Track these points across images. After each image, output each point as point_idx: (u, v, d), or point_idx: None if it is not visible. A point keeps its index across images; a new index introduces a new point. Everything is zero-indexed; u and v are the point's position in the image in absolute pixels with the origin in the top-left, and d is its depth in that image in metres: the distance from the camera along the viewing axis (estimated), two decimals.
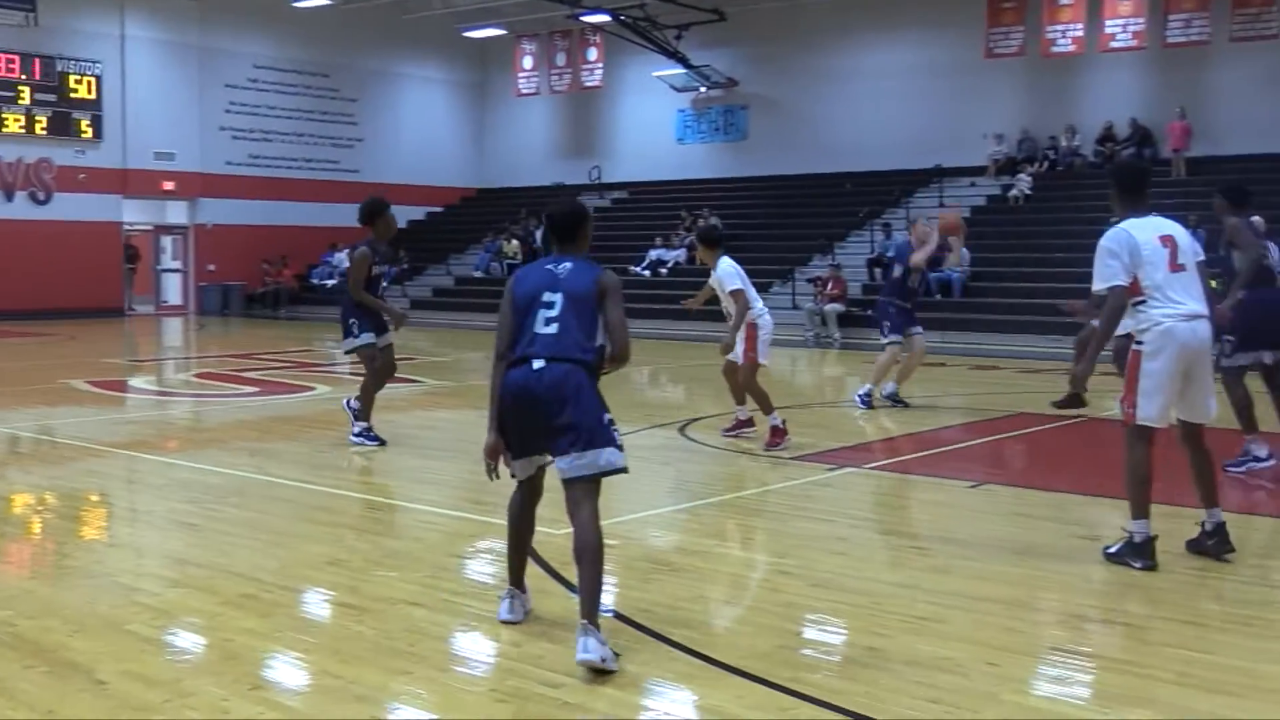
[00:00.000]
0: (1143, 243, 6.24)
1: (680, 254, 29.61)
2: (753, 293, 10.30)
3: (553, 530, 7.00)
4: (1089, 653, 5.17)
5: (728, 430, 10.72)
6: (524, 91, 35.98)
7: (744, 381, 10.35)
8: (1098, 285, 6.34)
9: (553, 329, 5.06)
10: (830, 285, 24.57)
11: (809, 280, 25.85)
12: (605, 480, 5.06)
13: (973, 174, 29.03)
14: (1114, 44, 26.47)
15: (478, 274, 32.77)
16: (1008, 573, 6.31)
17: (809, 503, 8.23)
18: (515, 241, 33.00)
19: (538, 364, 5.00)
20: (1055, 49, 27.15)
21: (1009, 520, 7.73)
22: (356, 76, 35.67)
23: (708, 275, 10.74)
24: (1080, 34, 26.71)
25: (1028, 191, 27.13)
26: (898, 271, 12.98)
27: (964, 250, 24.36)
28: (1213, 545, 6.46)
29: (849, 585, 6.03)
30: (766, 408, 10.15)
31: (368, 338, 10.04)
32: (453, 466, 9.49)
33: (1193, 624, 5.44)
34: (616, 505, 8.11)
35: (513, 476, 5.36)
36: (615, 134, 36.58)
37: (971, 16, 28.11)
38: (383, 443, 10.11)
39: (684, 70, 33.16)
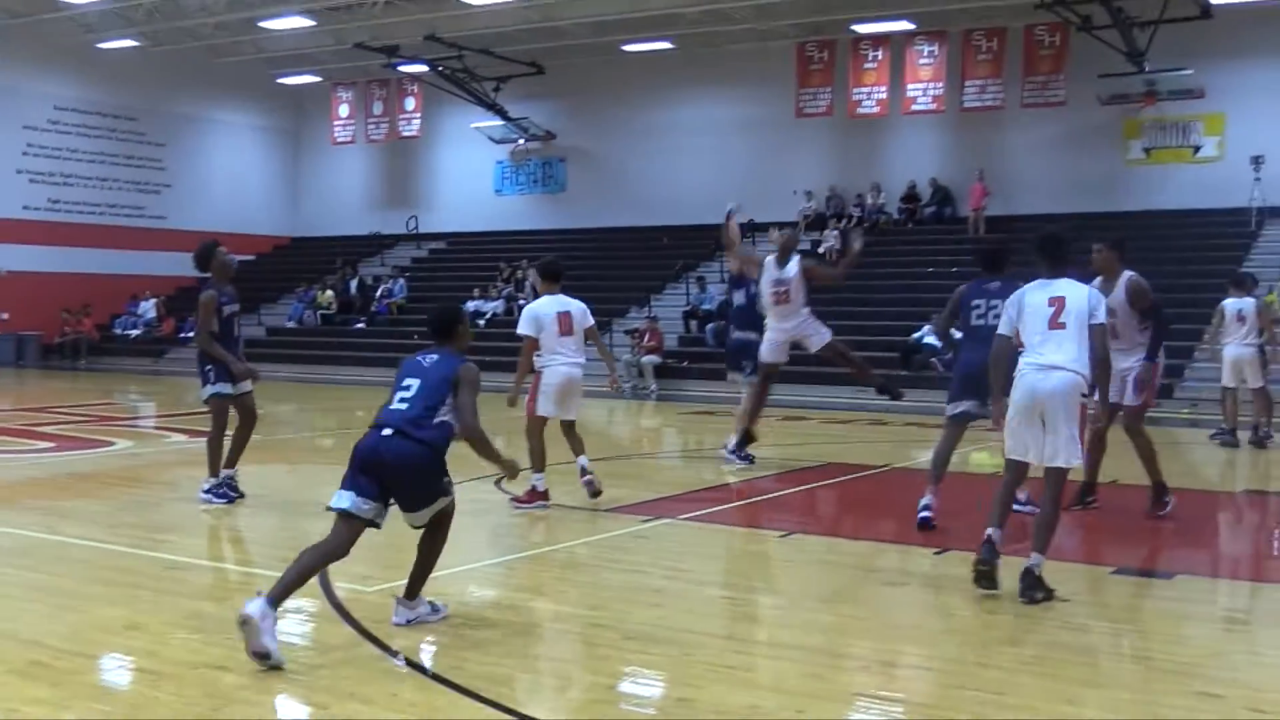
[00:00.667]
0: (1028, 303, 7.01)
1: (499, 305, 29.57)
2: (550, 340, 9.88)
3: (364, 588, 6.89)
4: (891, 698, 5.33)
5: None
6: (340, 140, 35.54)
7: (527, 431, 9.96)
8: (1000, 328, 7.23)
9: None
10: (647, 337, 24.86)
11: (626, 332, 26.13)
12: (411, 534, 5.10)
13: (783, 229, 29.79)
14: (915, 107, 27.66)
15: (290, 324, 32.10)
16: (815, 620, 6.46)
17: (623, 555, 8.29)
18: (330, 292, 32.47)
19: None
20: (861, 110, 28.21)
21: (817, 569, 7.92)
22: (165, 120, 34.66)
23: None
24: (884, 97, 27.82)
25: (836, 246, 28.00)
26: (741, 299, 12.79)
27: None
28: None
29: (661, 636, 6.08)
30: (538, 464, 9.76)
31: (220, 387, 9.65)
32: (260, 522, 9.24)
33: (987, 666, 5.66)
34: None
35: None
36: (433, 184, 36.41)
37: (783, 76, 29.00)
38: (232, 499, 9.62)
39: (502, 122, 33.28)
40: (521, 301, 29.38)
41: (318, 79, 35.44)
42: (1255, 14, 24.27)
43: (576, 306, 10.09)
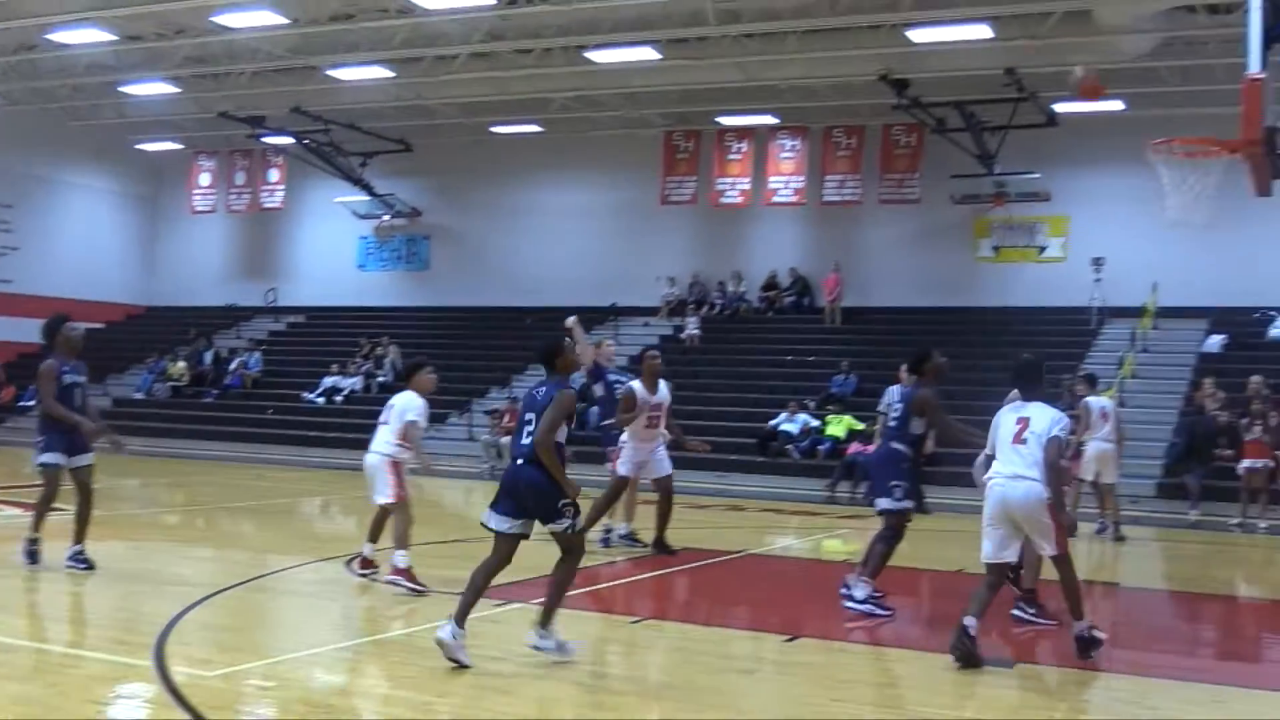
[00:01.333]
0: (1002, 422, 8.05)
1: (357, 382, 29.16)
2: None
3: (205, 672, 6.68)
4: None
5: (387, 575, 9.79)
6: (200, 209, 34.87)
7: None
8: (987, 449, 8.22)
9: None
10: (507, 418, 24.72)
11: (486, 412, 26.00)
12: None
13: (647, 314, 30.14)
14: (776, 199, 28.34)
15: (138, 395, 31.17)
16: (665, 707, 6.46)
17: (476, 640, 8.14)
18: (182, 363, 31.65)
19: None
20: (724, 200, 28.80)
21: (671, 655, 7.92)
22: (15, 181, 33.51)
23: (382, 405, 10.57)
24: (747, 188, 28.47)
25: (698, 332, 28.39)
26: (601, 390, 13.01)
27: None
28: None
29: None
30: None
31: (51, 457, 9.75)
32: (97, 603, 8.89)
33: None
34: (275, 643, 7.81)
35: None
36: (294, 257, 35.91)
37: (649, 163, 29.48)
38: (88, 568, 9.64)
39: (367, 197, 33.07)
40: (381, 378, 29.07)
41: (179, 146, 34.81)
42: (1098, 123, 25.54)
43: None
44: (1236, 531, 17.26)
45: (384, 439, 10.11)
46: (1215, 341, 24.15)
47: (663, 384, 12.37)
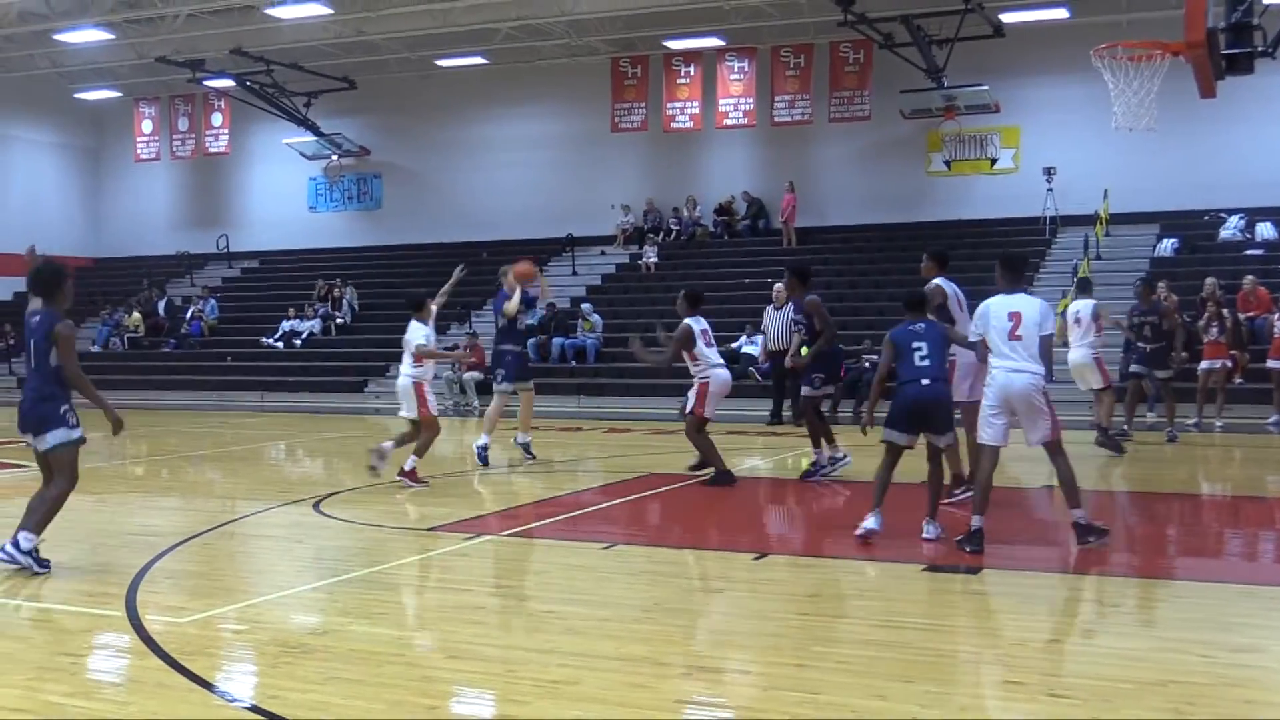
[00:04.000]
0: (994, 315, 8.48)
1: (315, 324, 28.97)
2: None
3: (177, 619, 6.69)
4: (712, 702, 5.44)
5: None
6: (144, 157, 34.36)
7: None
8: (970, 337, 8.90)
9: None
10: (470, 354, 24.66)
11: (446, 348, 25.86)
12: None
13: (603, 243, 30.06)
14: (728, 122, 28.21)
15: (96, 349, 30.87)
16: (637, 630, 6.53)
17: (446, 574, 8.23)
18: (137, 314, 31.34)
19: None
20: (675, 125, 28.64)
21: (639, 579, 8.00)
22: None
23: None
24: (698, 111, 28.31)
25: (655, 259, 28.34)
26: (502, 322, 14.04)
27: (596, 317, 25.29)
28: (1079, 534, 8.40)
29: (485, 654, 6.06)
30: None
31: (82, 432, 8.30)
32: (65, 556, 8.84)
33: (803, 666, 5.81)
34: (246, 587, 7.83)
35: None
36: (244, 202, 35.50)
37: (598, 91, 29.24)
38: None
39: (315, 138, 32.66)
40: (339, 319, 28.90)
41: (118, 94, 34.21)
42: (1044, 32, 25.53)
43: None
44: (1194, 431, 17.54)
45: (405, 364, 12.17)
46: (1168, 245, 24.39)
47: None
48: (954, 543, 8.34)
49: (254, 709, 5.24)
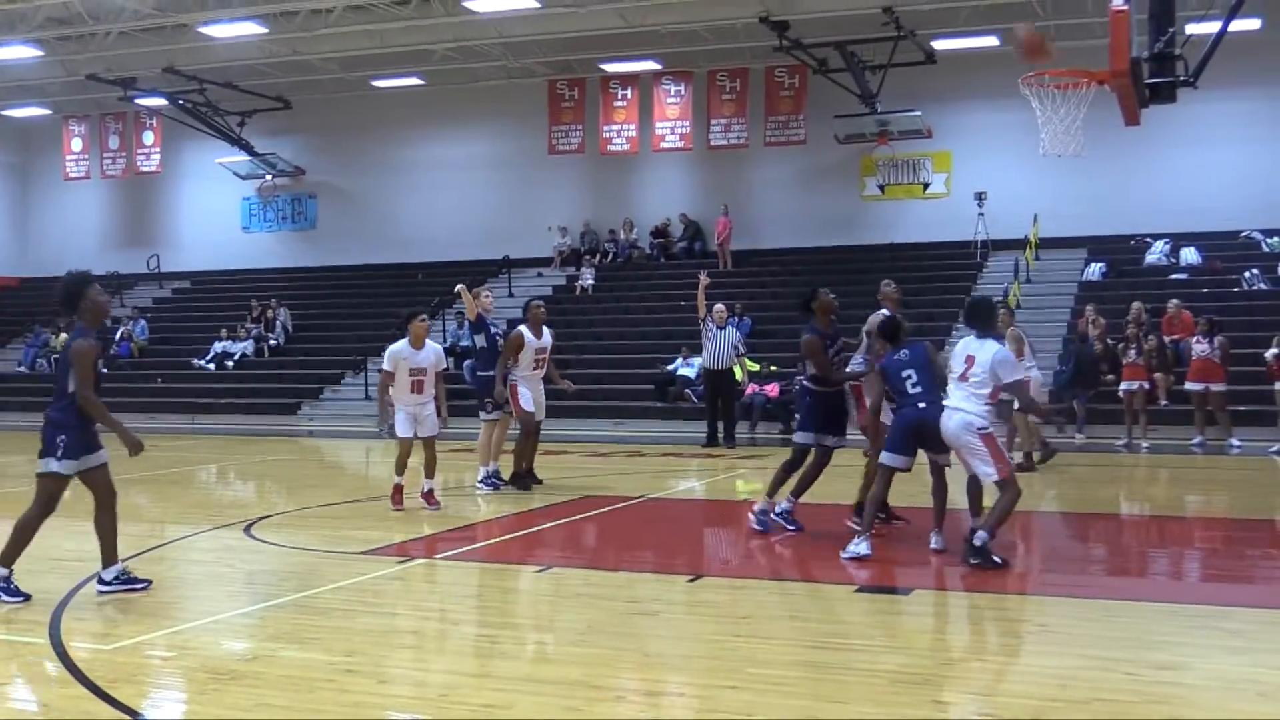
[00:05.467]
0: (954, 355, 8.88)
1: (248, 346, 28.64)
2: None
3: (102, 645, 6.58)
4: None
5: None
6: (73, 175, 33.82)
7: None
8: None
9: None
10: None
11: (380, 370, 25.66)
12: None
13: (540, 265, 30.04)
14: (665, 145, 28.32)
15: (21, 369, 30.31)
16: (572, 653, 6.52)
17: (378, 598, 8.16)
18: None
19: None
20: (612, 148, 28.70)
21: (575, 601, 7.98)
22: None
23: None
24: (634, 134, 28.40)
25: (592, 281, 28.37)
26: (483, 341, 13.98)
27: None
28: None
29: (417, 679, 6.02)
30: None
31: (69, 465, 7.69)
32: None
33: (737, 688, 5.82)
34: (174, 613, 7.71)
35: None
36: (176, 222, 35.04)
37: (535, 113, 29.24)
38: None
39: (248, 157, 32.36)
40: (272, 341, 28.62)
41: (48, 111, 33.69)
42: (975, 59, 25.92)
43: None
44: (1122, 452, 17.86)
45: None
46: (1095, 269, 24.81)
47: (546, 330, 13.52)
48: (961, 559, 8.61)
49: None
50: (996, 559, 8.46)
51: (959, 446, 8.63)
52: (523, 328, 13.34)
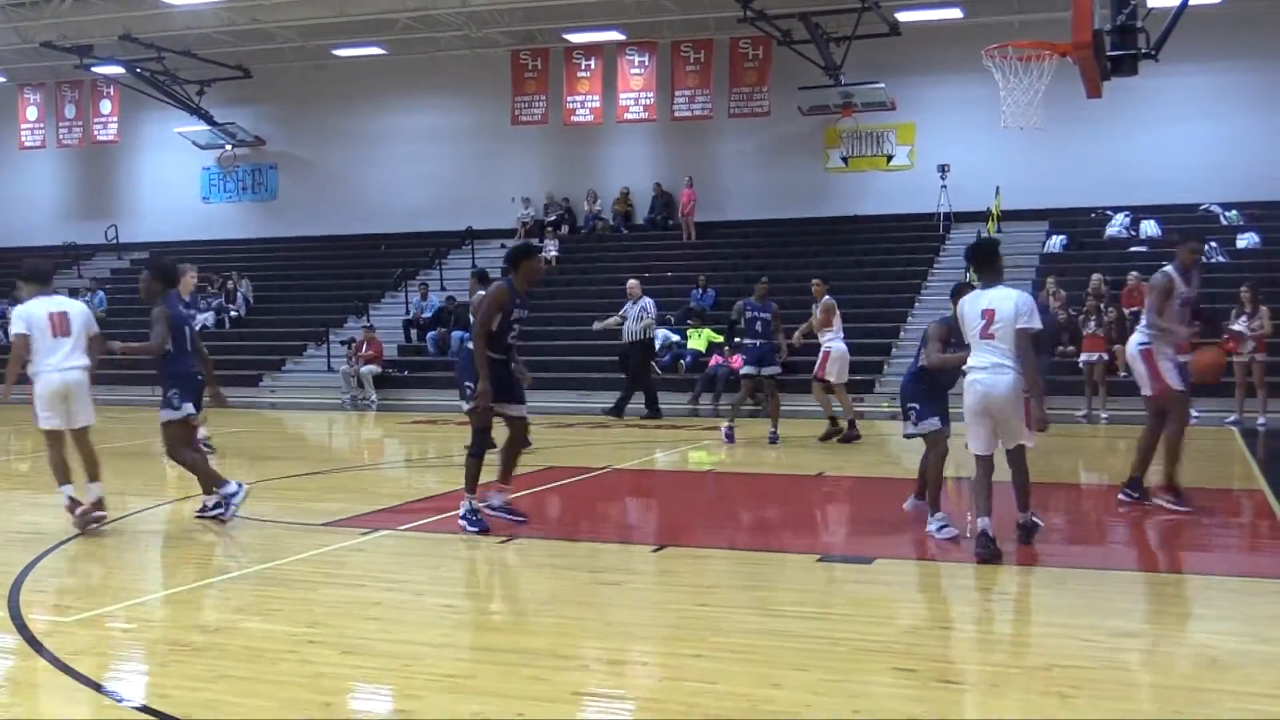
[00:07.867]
0: (966, 314, 7.99)
1: (209, 317, 28.38)
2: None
3: (62, 618, 6.54)
4: (612, 694, 5.46)
5: None
6: (29, 144, 33.35)
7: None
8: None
9: None
10: (366, 347, 24.43)
11: (344, 342, 25.60)
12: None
13: (503, 236, 29.87)
14: (629, 115, 28.23)
15: None
16: (536, 623, 6.53)
17: (341, 569, 8.14)
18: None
19: None
20: (576, 118, 28.58)
21: (539, 572, 8.00)
22: None
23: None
24: (598, 105, 28.29)
25: (556, 253, 28.28)
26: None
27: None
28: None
29: (381, 650, 6.01)
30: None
31: (189, 409, 9.07)
32: None
33: (700, 656, 5.85)
34: (135, 585, 7.67)
35: None
36: (135, 192, 34.63)
37: (498, 84, 29.07)
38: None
39: (208, 127, 32.00)
40: (233, 312, 28.41)
41: (1, 79, 33.17)
42: (939, 31, 25.96)
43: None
44: (1083, 422, 18.05)
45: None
46: (1056, 242, 24.98)
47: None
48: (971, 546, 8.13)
49: (144, 709, 5.13)
50: (1038, 519, 8.46)
51: (1003, 412, 7.94)
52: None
